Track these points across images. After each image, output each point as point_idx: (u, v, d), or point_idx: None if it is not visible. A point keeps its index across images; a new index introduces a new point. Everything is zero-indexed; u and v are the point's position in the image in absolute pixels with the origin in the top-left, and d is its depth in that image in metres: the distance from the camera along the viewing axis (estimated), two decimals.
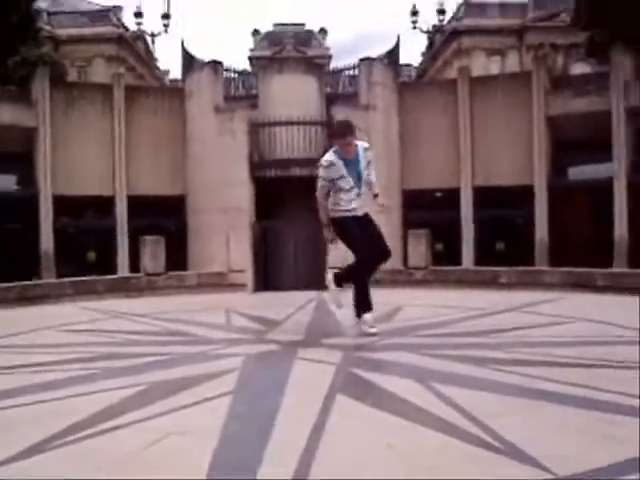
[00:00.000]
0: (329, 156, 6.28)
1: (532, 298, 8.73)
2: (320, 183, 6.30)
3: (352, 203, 6.22)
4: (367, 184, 6.34)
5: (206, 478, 2.56)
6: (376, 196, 6.46)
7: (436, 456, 2.82)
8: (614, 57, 16.58)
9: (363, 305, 6.28)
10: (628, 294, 8.42)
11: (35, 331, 6.95)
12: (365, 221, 6.37)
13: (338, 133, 6.27)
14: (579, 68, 28.73)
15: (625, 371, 4.27)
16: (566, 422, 3.24)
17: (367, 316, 6.21)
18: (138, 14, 32.72)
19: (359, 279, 6.39)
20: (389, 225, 16.53)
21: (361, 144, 6.34)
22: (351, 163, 6.20)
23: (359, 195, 6.26)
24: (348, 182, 6.17)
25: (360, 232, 6.26)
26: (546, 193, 16.93)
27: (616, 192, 16.18)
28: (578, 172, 17.40)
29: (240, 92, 20.23)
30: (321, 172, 6.30)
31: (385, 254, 6.43)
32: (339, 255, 12.04)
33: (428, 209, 17.75)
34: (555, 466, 2.60)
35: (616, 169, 16.24)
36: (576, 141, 16.28)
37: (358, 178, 6.22)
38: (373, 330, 6.10)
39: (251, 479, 2.50)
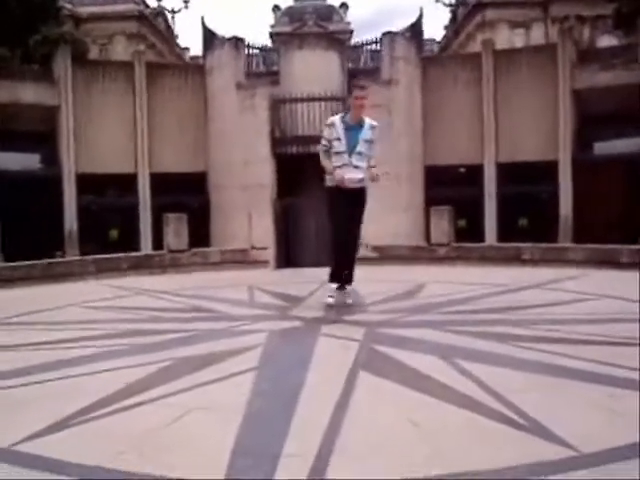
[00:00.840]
0: (333, 117, 6.52)
1: (556, 275, 8.65)
2: (322, 142, 6.42)
3: (344, 172, 6.20)
4: (367, 159, 6.36)
5: (230, 454, 2.58)
6: (372, 167, 6.45)
7: (460, 433, 2.81)
8: None
9: (334, 276, 6.53)
10: None
11: (58, 308, 7.02)
12: (354, 197, 6.36)
13: (349, 90, 6.48)
14: (606, 40, 28.19)
15: None
16: (589, 399, 3.22)
17: (332, 285, 6.51)
18: None
19: (333, 253, 6.59)
20: (411, 201, 16.48)
21: (369, 120, 6.39)
22: (352, 129, 6.26)
23: (351, 165, 6.24)
24: (341, 145, 6.24)
25: (344, 210, 6.32)
26: (571, 168, 16.72)
27: None
28: (604, 147, 17.14)
29: (261, 69, 20.17)
30: (324, 132, 6.46)
31: (351, 242, 6.55)
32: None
33: (451, 185, 17.61)
34: (579, 443, 2.59)
35: None
36: (602, 115, 16.01)
37: (353, 146, 6.24)
38: (330, 301, 6.41)
39: None
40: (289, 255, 13.85)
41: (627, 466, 2.40)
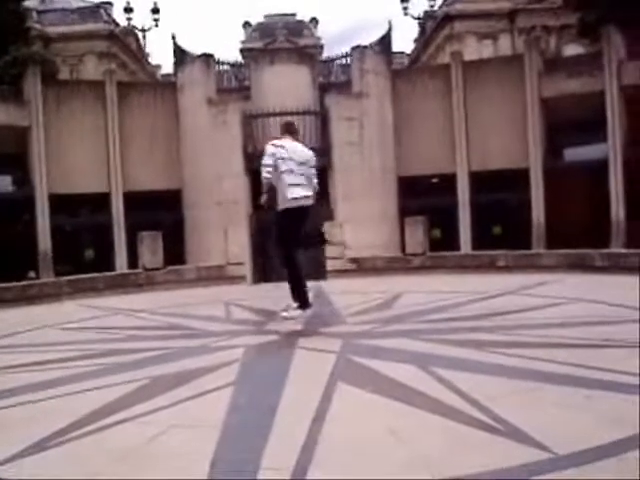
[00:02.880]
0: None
1: (530, 281, 8.76)
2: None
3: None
4: None
5: (209, 470, 2.58)
6: None
7: (438, 440, 2.84)
8: (606, 37, 16.53)
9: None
10: (626, 274, 8.43)
11: (35, 330, 6.96)
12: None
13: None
14: (572, 49, 28.65)
15: (624, 350, 4.29)
16: (565, 402, 3.26)
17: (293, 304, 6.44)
18: (128, 9, 32.59)
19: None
20: (386, 212, 16.55)
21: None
22: None
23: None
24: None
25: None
26: (542, 175, 16.90)
27: (611, 172, 16.16)
28: (573, 153, 17.38)
29: (233, 84, 20.18)
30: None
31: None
32: (337, 246, 12.07)
33: (424, 195, 17.72)
34: (556, 445, 2.62)
35: (611, 149, 16.22)
36: (571, 122, 16.23)
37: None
38: (285, 314, 6.40)
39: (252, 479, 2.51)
40: (265, 270, 13.83)
41: (602, 466, 2.44)
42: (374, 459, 2.66)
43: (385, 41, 18.44)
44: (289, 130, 6.65)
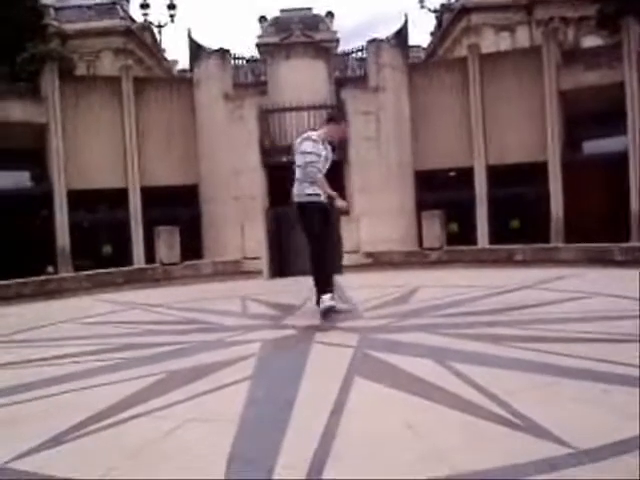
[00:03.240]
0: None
1: (548, 275, 8.68)
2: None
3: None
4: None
5: (226, 463, 2.58)
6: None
7: (456, 434, 2.81)
8: (625, 28, 16.35)
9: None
10: None
11: (53, 325, 7.00)
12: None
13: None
14: (590, 41, 28.39)
15: None
16: (584, 397, 3.22)
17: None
18: (144, 5, 32.62)
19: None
20: (403, 206, 16.50)
21: None
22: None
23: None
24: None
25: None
26: (560, 169, 16.78)
27: (631, 165, 16.00)
28: (593, 146, 17.23)
29: (249, 79, 20.21)
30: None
31: None
32: (353, 239, 12.05)
33: (442, 189, 17.66)
34: (575, 440, 2.59)
35: (631, 141, 16.05)
36: (590, 115, 16.10)
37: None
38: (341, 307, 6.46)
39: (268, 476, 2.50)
40: (282, 264, 13.83)
41: (624, 461, 2.41)
42: (392, 453, 2.64)
43: (401, 34, 18.38)
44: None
